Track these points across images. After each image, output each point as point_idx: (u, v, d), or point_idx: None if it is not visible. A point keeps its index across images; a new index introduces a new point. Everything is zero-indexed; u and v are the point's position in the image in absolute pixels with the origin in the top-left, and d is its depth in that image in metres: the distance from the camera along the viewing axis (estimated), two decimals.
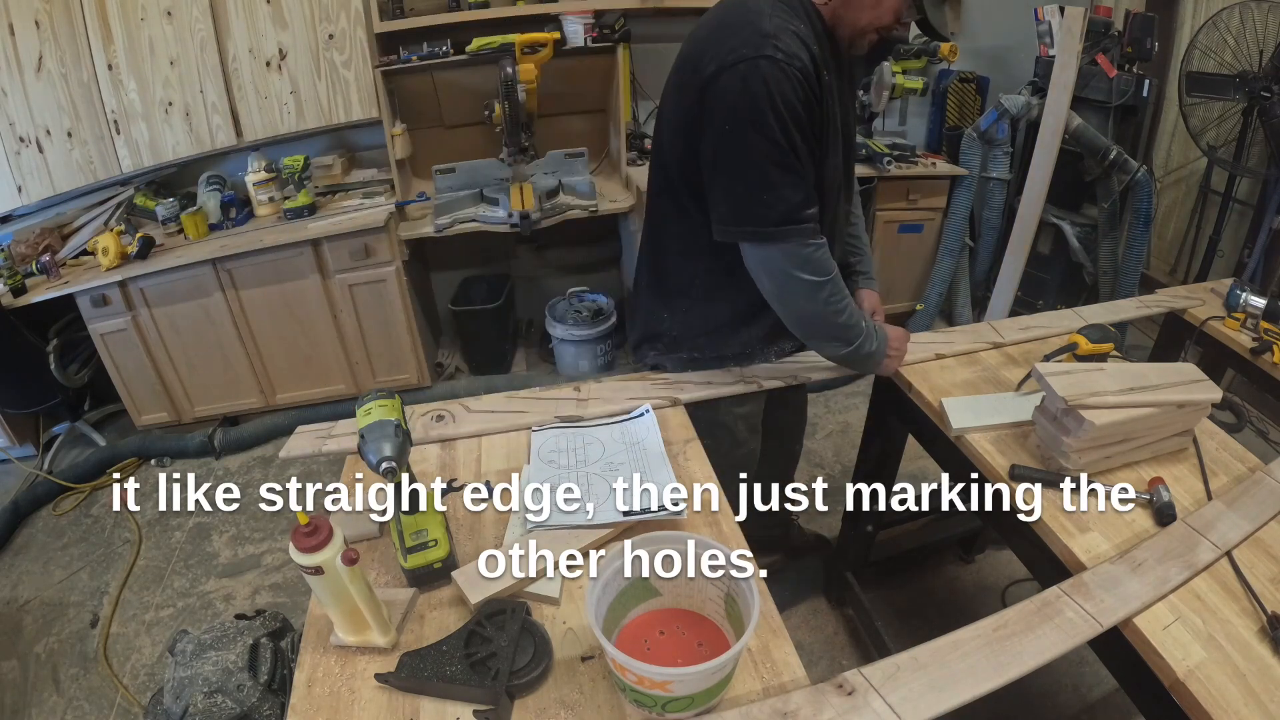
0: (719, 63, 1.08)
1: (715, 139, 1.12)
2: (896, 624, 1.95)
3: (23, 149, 2.57)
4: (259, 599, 2.17)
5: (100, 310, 2.55)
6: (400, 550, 0.95)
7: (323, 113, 2.69)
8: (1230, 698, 0.84)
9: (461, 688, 0.82)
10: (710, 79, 1.09)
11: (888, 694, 0.82)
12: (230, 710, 1.20)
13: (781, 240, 1.15)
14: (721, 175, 1.15)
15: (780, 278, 1.19)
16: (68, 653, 2.04)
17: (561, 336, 3.02)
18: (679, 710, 0.79)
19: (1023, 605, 0.95)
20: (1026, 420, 1.26)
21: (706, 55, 1.10)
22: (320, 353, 2.83)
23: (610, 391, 1.37)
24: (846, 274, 1.42)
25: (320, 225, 2.62)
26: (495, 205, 2.78)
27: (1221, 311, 1.64)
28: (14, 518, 2.52)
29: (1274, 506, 1.11)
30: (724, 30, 1.11)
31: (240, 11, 2.51)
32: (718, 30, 1.12)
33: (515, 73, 2.44)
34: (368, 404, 0.91)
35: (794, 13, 1.11)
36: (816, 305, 1.21)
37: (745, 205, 1.14)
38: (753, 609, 0.80)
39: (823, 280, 1.19)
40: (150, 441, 2.78)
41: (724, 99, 1.08)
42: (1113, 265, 3.00)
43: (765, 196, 1.12)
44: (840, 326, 1.24)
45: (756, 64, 1.05)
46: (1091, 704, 1.75)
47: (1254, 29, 2.66)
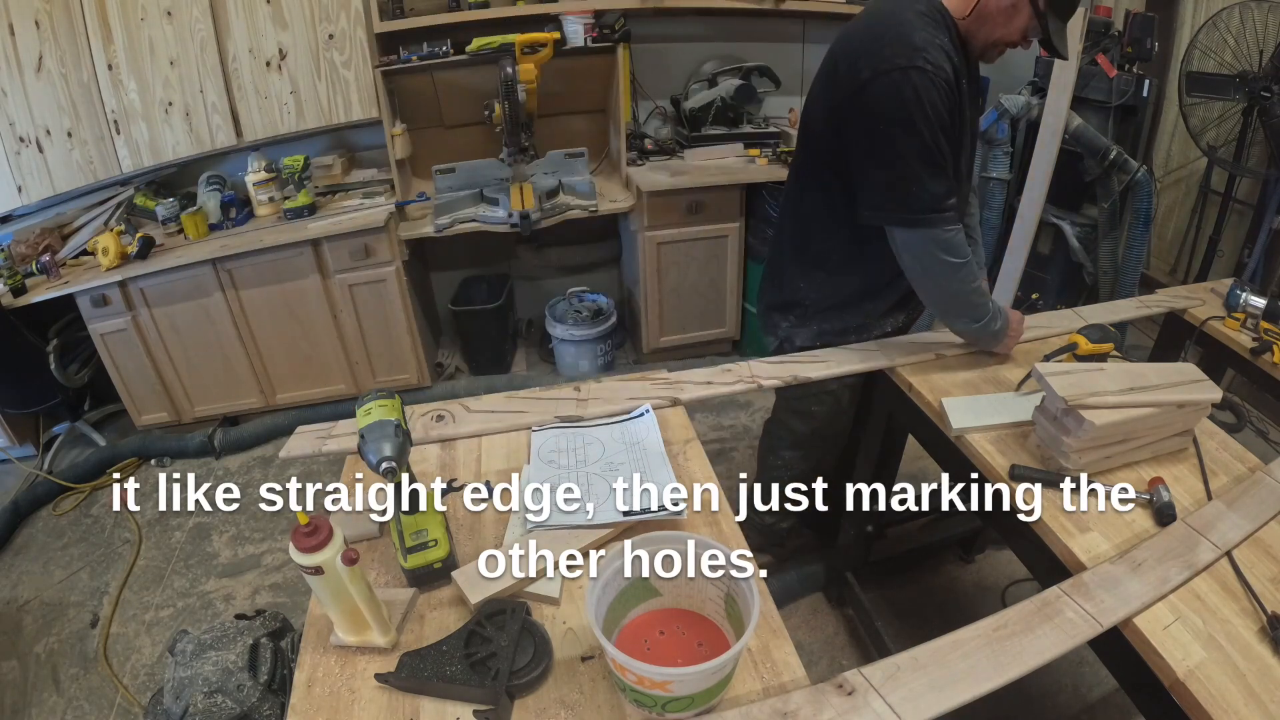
0: (874, 69, 1.23)
1: (868, 134, 1.27)
2: (896, 624, 1.95)
3: (23, 149, 2.57)
4: (259, 599, 2.17)
5: (100, 310, 2.55)
6: (400, 550, 0.95)
7: (323, 113, 2.69)
8: (1230, 698, 0.84)
9: (461, 688, 0.82)
10: (867, 82, 1.24)
11: (888, 694, 0.82)
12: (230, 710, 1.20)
13: (927, 226, 1.29)
14: (873, 166, 1.30)
15: (924, 259, 1.33)
16: (68, 653, 2.04)
17: (561, 336, 3.03)
18: (679, 710, 0.79)
19: (1023, 605, 0.95)
20: (1026, 420, 1.26)
21: (861, 60, 1.26)
22: (320, 353, 2.83)
23: (610, 391, 1.37)
24: None
25: (320, 225, 2.62)
26: (495, 205, 2.78)
27: (1221, 311, 1.64)
28: (14, 518, 2.52)
29: (1274, 506, 1.11)
30: (878, 39, 1.26)
31: (240, 11, 2.51)
32: (871, 39, 1.27)
33: (515, 73, 2.44)
34: (368, 404, 0.91)
35: (938, 26, 1.25)
36: (954, 284, 1.34)
37: (895, 194, 1.29)
38: (753, 609, 0.80)
39: (960, 262, 1.32)
40: (150, 441, 2.79)
41: (879, 101, 1.23)
42: (1113, 265, 3.00)
43: (913, 188, 1.26)
44: (972, 305, 1.37)
45: (908, 74, 1.20)
46: (1091, 704, 1.75)
47: (1254, 29, 2.66)
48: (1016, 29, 1.27)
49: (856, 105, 1.26)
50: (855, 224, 1.36)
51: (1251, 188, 2.95)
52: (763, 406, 2.93)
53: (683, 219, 2.86)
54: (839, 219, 1.41)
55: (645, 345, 3.16)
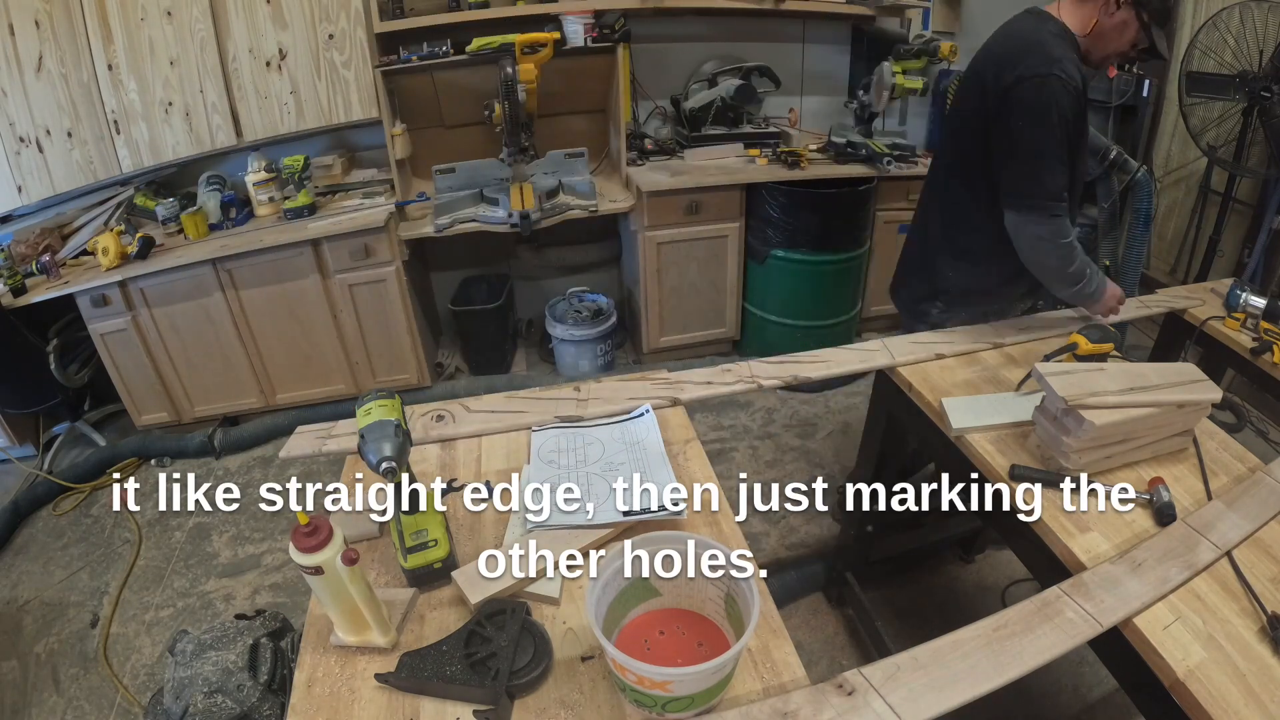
0: (1019, 75, 1.42)
1: (1010, 131, 1.45)
2: (896, 624, 1.95)
3: (23, 149, 2.57)
4: (259, 599, 2.17)
5: (100, 310, 2.55)
6: (400, 550, 0.95)
7: (323, 113, 2.69)
8: (1230, 698, 0.84)
9: (461, 688, 0.82)
10: (1012, 85, 1.43)
11: (888, 694, 0.82)
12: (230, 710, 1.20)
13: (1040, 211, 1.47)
14: (1010, 159, 1.48)
15: (1032, 239, 1.50)
16: (68, 653, 2.04)
17: (561, 336, 3.03)
18: (679, 710, 0.79)
19: (1023, 605, 0.95)
20: (1026, 420, 1.26)
21: (1007, 68, 1.45)
22: (320, 353, 2.83)
23: (610, 391, 1.37)
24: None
25: (320, 225, 2.62)
26: (495, 205, 2.78)
27: (1221, 311, 1.65)
28: (14, 518, 2.52)
29: (1274, 506, 1.11)
30: (1022, 51, 1.45)
31: (240, 11, 2.51)
32: (1016, 51, 1.47)
33: (515, 73, 2.44)
34: (368, 404, 0.91)
35: (1067, 44, 1.45)
36: (1055, 259, 1.52)
37: (1024, 183, 1.47)
38: (753, 609, 0.80)
39: (1065, 240, 1.50)
40: (150, 441, 2.79)
41: (1021, 102, 1.42)
42: (1113, 265, 2.99)
43: (1043, 177, 1.45)
44: (1070, 275, 1.54)
45: (1048, 81, 1.39)
46: (1091, 704, 1.75)
47: (1254, 29, 2.66)
48: (1127, 40, 1.46)
49: (1002, 105, 1.45)
50: (997, 219, 1.54)
51: (1251, 188, 2.95)
52: (763, 406, 2.93)
53: (683, 219, 2.86)
54: (984, 214, 1.58)
55: (645, 345, 3.16)
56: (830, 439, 2.74)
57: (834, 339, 2.92)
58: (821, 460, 2.63)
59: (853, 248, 2.96)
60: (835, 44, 3.32)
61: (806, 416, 2.88)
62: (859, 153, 2.95)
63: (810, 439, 2.75)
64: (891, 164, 2.96)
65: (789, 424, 2.84)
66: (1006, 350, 1.54)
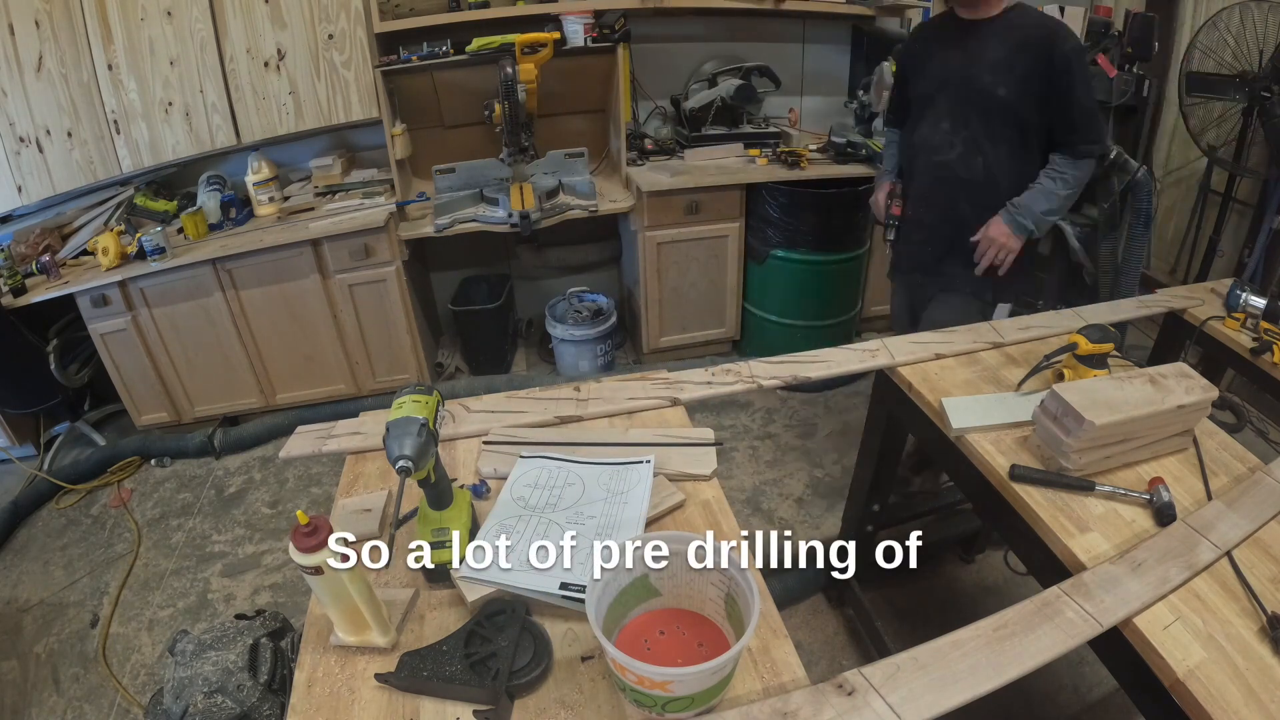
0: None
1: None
2: (896, 624, 1.95)
3: (23, 149, 2.57)
4: (259, 599, 2.17)
5: (100, 310, 2.55)
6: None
7: (322, 113, 2.69)
8: (1230, 698, 0.84)
9: (461, 688, 0.82)
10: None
11: (888, 694, 0.82)
12: (230, 710, 1.20)
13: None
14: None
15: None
16: (68, 653, 2.04)
17: (561, 336, 3.03)
18: (679, 710, 0.79)
19: (1023, 605, 0.95)
20: (1026, 420, 1.26)
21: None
22: (320, 353, 2.83)
23: (610, 391, 1.37)
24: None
25: (320, 225, 2.61)
26: (495, 205, 2.78)
27: (1221, 311, 1.64)
28: (14, 518, 2.52)
29: (1274, 506, 1.11)
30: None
31: (238, 11, 2.51)
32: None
33: (515, 73, 2.43)
34: (403, 397, 0.90)
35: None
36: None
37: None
38: (753, 609, 0.80)
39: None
40: (150, 441, 2.79)
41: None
42: (1113, 265, 2.99)
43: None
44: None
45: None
46: (1091, 704, 1.75)
47: (1254, 29, 2.66)
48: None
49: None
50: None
51: (1251, 188, 2.95)
52: (763, 407, 2.93)
53: (683, 219, 2.87)
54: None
55: (645, 345, 3.16)
56: (830, 439, 2.74)
57: (834, 339, 2.92)
58: (821, 460, 2.63)
59: (853, 248, 2.96)
60: (835, 44, 3.33)
61: (806, 416, 2.88)
62: (859, 153, 2.95)
63: (810, 439, 2.75)
64: None
65: (789, 424, 2.84)
66: (1006, 350, 1.54)
